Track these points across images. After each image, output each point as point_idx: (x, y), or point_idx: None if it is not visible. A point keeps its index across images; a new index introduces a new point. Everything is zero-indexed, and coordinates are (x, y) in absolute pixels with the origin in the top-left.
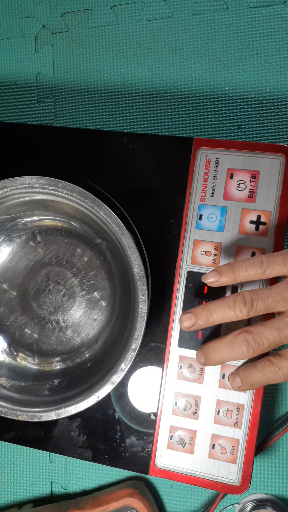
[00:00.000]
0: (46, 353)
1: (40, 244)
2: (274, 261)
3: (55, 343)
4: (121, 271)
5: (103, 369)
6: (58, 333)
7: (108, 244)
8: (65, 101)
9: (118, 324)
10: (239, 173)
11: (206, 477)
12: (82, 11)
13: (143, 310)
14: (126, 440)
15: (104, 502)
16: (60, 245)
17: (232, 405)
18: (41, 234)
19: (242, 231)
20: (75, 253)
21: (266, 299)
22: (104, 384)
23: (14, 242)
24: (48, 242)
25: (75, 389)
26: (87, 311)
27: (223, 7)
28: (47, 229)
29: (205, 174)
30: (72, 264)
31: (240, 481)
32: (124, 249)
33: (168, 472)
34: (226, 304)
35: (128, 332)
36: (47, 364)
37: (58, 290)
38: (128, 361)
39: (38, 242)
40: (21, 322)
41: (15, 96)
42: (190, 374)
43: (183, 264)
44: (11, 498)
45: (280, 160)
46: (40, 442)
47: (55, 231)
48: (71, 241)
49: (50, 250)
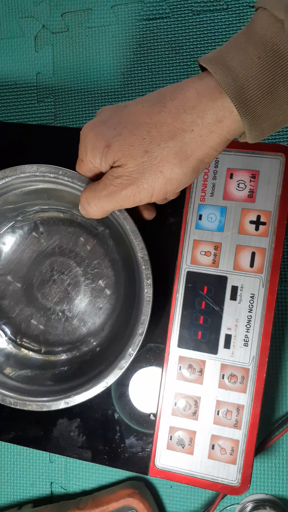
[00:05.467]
0: (53, 343)
1: (43, 235)
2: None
3: (61, 333)
4: (125, 257)
5: (110, 356)
6: (64, 323)
7: (110, 232)
8: (65, 101)
9: (124, 311)
10: (239, 173)
11: (205, 477)
12: (82, 11)
13: (148, 294)
14: (126, 441)
15: (104, 503)
16: (62, 235)
17: (232, 405)
18: (43, 225)
19: (242, 231)
20: (78, 242)
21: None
22: (113, 370)
23: (17, 233)
24: (50, 232)
25: (83, 377)
26: (92, 300)
27: (223, 7)
28: (49, 219)
29: (204, 174)
30: (75, 254)
31: (239, 482)
32: (127, 234)
33: (168, 472)
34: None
35: (134, 317)
36: (54, 354)
37: (62, 280)
38: (136, 346)
39: (41, 233)
40: (26, 313)
41: (15, 96)
42: (190, 375)
43: (183, 264)
44: (11, 498)
45: (280, 160)
46: (40, 442)
47: (57, 221)
48: (74, 230)
49: (53, 240)
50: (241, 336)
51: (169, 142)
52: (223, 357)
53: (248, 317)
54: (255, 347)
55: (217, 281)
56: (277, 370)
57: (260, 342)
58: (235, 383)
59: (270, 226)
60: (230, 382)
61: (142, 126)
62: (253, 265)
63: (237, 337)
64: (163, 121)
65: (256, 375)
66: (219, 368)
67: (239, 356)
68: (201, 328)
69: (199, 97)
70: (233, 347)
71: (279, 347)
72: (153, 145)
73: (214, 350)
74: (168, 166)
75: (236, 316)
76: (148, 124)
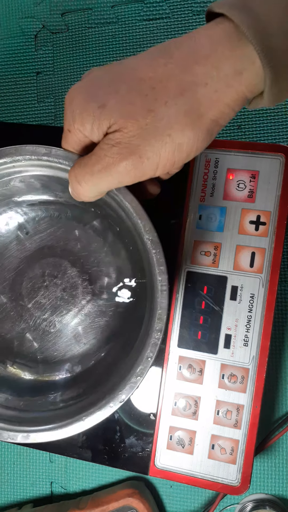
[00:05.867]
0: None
1: (28, 235)
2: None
3: (61, 348)
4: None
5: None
6: (63, 334)
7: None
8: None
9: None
10: (238, 173)
11: (205, 477)
12: (82, 10)
13: (163, 282)
14: (126, 441)
15: (104, 502)
16: (51, 232)
17: (232, 405)
18: (29, 223)
19: (241, 231)
20: (70, 239)
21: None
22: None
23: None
24: (38, 231)
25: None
26: (94, 303)
27: None
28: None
29: (204, 174)
30: (68, 252)
31: (239, 482)
32: (129, 215)
33: (168, 472)
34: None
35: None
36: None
37: (56, 285)
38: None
39: (26, 233)
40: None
41: (15, 96)
42: (190, 375)
43: (183, 264)
44: (11, 498)
45: (280, 160)
46: (40, 442)
47: (45, 217)
48: (64, 225)
49: (41, 239)
50: (241, 336)
51: (178, 99)
52: (223, 357)
53: (248, 317)
54: (255, 347)
55: (217, 281)
56: (277, 370)
57: (260, 342)
58: (235, 383)
59: (270, 226)
60: (230, 382)
61: (145, 81)
62: (253, 265)
63: (237, 337)
64: (170, 74)
65: (256, 375)
66: (219, 368)
67: (239, 356)
68: (201, 328)
69: (213, 45)
70: (233, 347)
71: (279, 347)
72: (158, 103)
73: (214, 350)
74: (177, 127)
75: (236, 316)
76: (151, 78)
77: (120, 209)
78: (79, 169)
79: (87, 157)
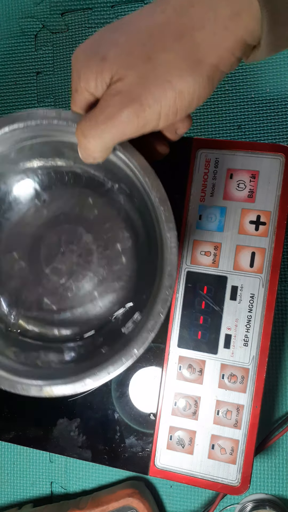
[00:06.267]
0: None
1: (46, 203)
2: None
3: (78, 312)
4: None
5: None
6: (80, 299)
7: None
8: (65, 101)
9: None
10: (238, 173)
11: (205, 477)
12: (82, 10)
13: (172, 239)
14: (126, 441)
15: (104, 502)
16: (67, 199)
17: (232, 405)
18: (45, 191)
19: (241, 231)
20: (85, 205)
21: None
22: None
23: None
24: (54, 198)
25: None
26: (109, 268)
27: None
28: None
29: (204, 174)
30: (83, 219)
31: (239, 482)
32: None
33: (168, 472)
34: None
35: (159, 270)
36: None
37: (72, 251)
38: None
39: (43, 201)
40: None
41: (15, 96)
42: (190, 375)
43: (183, 264)
44: (11, 498)
45: (280, 160)
46: (40, 442)
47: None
48: (79, 192)
49: (57, 207)
50: (241, 336)
51: (175, 44)
52: (223, 357)
53: (248, 317)
54: (255, 347)
55: (217, 281)
56: (277, 370)
57: (260, 342)
58: (235, 383)
59: (270, 226)
60: (230, 382)
61: (143, 31)
62: (253, 265)
63: (237, 337)
64: (167, 21)
65: (256, 375)
66: (219, 368)
67: (239, 356)
68: (201, 328)
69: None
70: (233, 347)
71: (279, 347)
72: (157, 51)
73: (214, 350)
74: (176, 72)
75: (236, 316)
76: (149, 27)
77: (128, 170)
78: (84, 122)
79: (92, 111)
